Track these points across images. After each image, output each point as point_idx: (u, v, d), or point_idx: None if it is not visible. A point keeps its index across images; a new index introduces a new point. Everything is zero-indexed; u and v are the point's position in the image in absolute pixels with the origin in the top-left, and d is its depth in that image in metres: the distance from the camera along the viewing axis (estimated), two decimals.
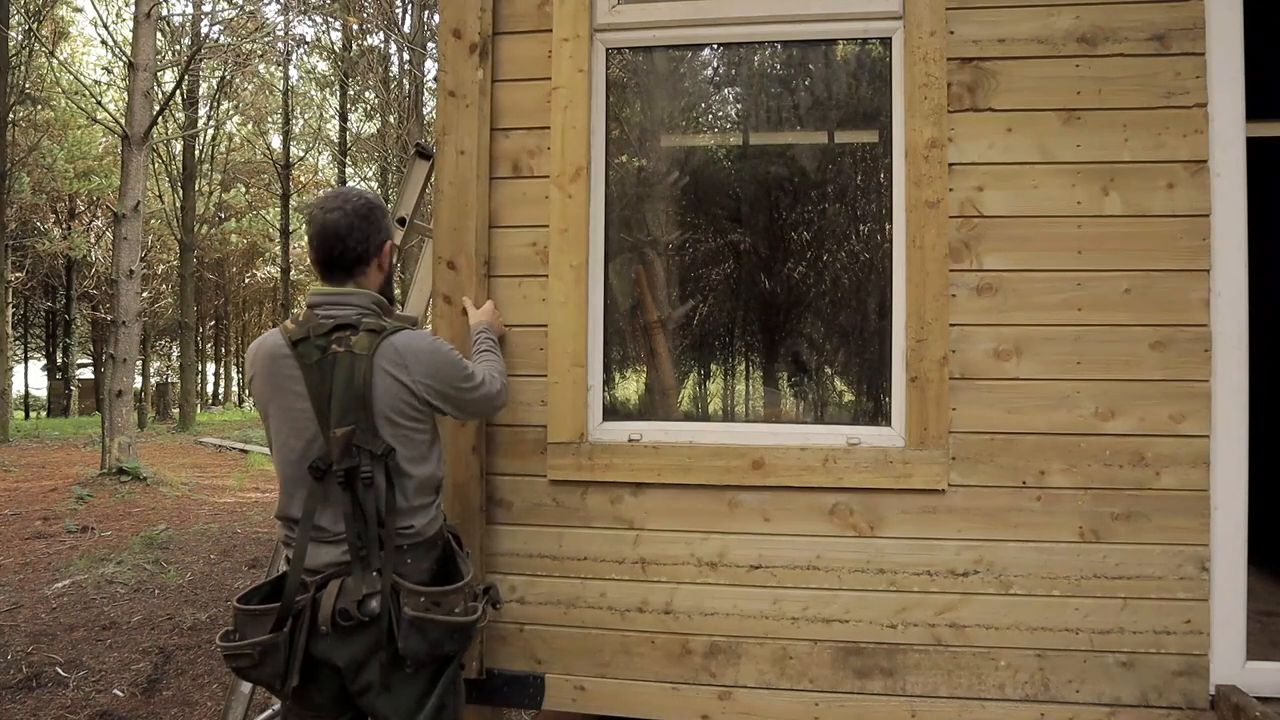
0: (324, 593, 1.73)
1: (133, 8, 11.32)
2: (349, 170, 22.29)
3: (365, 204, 1.89)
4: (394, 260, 2.09)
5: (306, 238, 1.96)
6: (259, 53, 18.11)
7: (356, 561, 1.75)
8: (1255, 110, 2.27)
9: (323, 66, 22.24)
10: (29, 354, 30.68)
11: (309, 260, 1.96)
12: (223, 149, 23.82)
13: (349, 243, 1.84)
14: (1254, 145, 2.24)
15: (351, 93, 21.21)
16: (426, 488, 1.87)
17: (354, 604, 1.71)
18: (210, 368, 38.07)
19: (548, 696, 2.40)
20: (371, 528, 1.75)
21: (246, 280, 32.20)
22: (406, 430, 1.80)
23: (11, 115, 15.57)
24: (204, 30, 16.71)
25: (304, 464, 1.76)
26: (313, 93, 23.26)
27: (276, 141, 24.16)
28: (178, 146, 20.02)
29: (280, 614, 1.72)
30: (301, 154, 24.58)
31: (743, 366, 2.89)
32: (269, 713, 2.61)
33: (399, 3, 15.85)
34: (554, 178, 2.43)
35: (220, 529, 7.40)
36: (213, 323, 34.88)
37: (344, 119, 21.79)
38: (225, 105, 22.48)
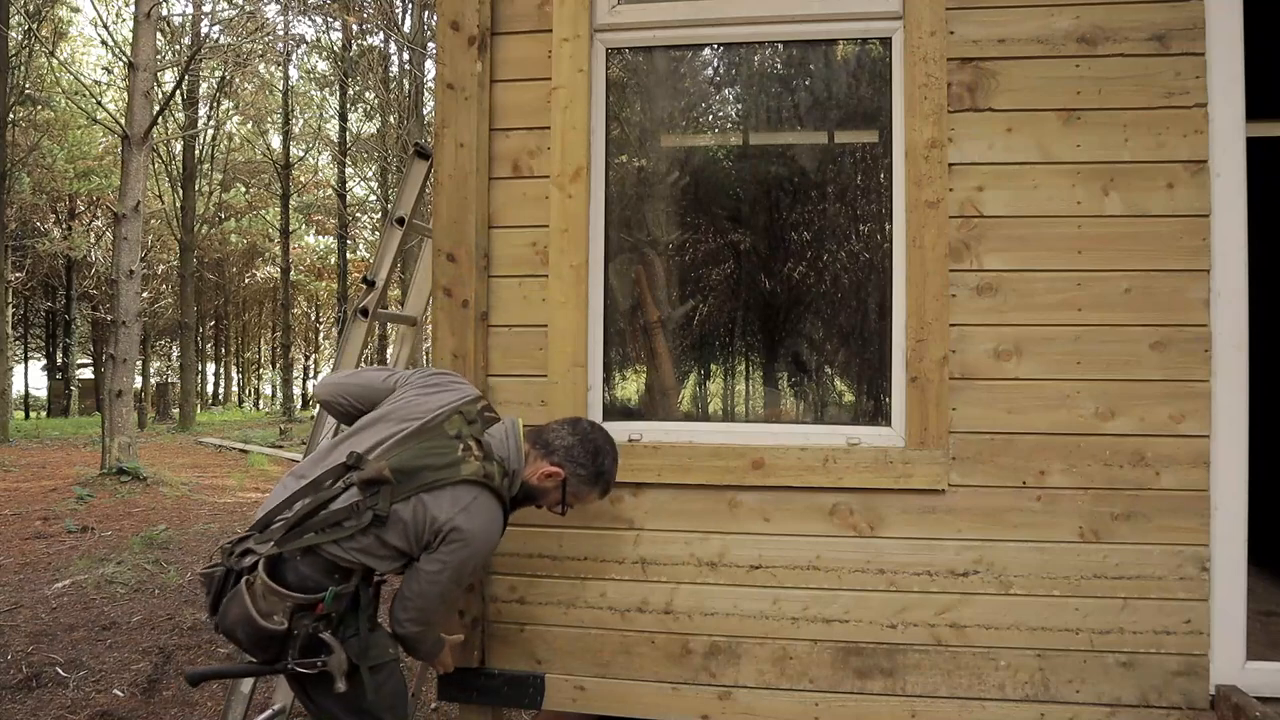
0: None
1: (133, 8, 11.32)
2: (349, 170, 22.31)
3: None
4: (551, 488, 2.02)
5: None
6: (259, 52, 18.10)
7: (289, 529, 1.76)
8: (1255, 110, 2.26)
9: (323, 66, 22.26)
10: (29, 354, 30.67)
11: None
12: (223, 149, 23.84)
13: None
14: (1254, 145, 2.24)
15: (351, 93, 21.21)
16: (376, 572, 1.86)
17: (227, 552, 1.80)
18: (210, 368, 38.07)
19: (548, 696, 2.40)
20: (321, 517, 1.78)
21: (246, 280, 32.23)
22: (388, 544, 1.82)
23: (11, 115, 15.57)
24: (204, 30, 16.72)
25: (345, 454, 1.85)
26: (313, 93, 23.28)
27: (276, 141, 24.18)
28: (178, 146, 20.04)
29: (224, 553, 1.85)
30: (301, 154, 24.60)
31: (743, 366, 2.89)
32: (269, 713, 2.61)
33: (399, 3, 15.86)
34: (554, 178, 2.43)
35: (220, 529, 7.40)
36: (213, 323, 34.89)
37: (344, 119, 21.80)
38: (225, 105, 22.51)
